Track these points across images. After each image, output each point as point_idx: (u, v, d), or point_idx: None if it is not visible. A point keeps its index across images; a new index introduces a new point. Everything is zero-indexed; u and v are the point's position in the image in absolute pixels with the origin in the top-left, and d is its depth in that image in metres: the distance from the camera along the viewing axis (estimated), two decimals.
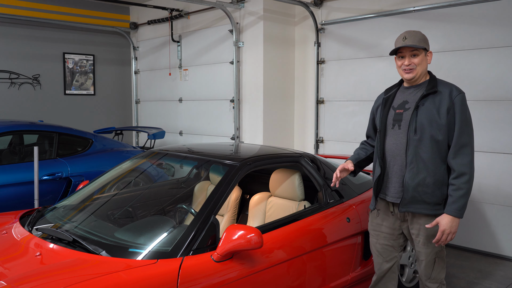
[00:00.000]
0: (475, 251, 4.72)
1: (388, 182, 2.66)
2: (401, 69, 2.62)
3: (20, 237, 2.61)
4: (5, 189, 4.36)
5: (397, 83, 2.78)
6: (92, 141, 5.27)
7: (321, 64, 5.95)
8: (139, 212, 3.23)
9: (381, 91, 3.00)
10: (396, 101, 2.69)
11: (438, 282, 2.66)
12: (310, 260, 2.84)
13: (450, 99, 2.50)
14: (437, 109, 2.50)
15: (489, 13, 4.46)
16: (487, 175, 4.56)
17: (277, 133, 6.14)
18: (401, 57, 2.61)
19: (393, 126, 2.63)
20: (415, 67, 2.56)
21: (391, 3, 5.19)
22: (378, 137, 2.71)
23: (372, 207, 2.76)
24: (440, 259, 2.64)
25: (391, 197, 2.66)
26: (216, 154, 3.28)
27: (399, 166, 2.59)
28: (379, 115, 2.74)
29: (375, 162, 2.74)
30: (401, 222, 2.69)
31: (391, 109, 2.68)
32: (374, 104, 2.87)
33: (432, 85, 2.57)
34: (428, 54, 2.61)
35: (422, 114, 2.52)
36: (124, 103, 8.32)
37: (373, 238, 2.83)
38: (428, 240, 2.59)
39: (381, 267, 2.80)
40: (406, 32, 2.57)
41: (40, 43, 7.22)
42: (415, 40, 2.53)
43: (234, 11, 6.11)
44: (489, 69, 4.49)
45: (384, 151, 2.67)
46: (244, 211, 3.64)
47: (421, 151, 2.52)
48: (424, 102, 2.54)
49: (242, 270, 2.40)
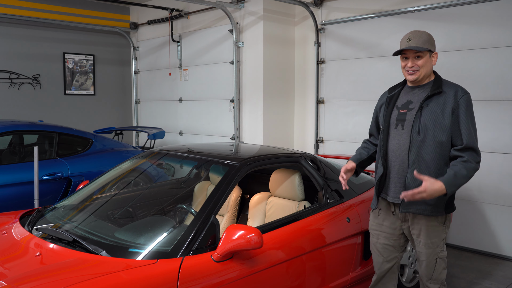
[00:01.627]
0: (475, 251, 4.72)
1: (389, 182, 2.65)
2: (405, 70, 2.60)
3: (20, 237, 2.61)
4: (5, 189, 4.36)
5: (401, 82, 2.77)
6: (92, 141, 5.27)
7: (321, 64, 5.95)
8: (139, 212, 3.23)
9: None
10: (400, 101, 2.68)
11: (439, 283, 2.65)
12: (310, 260, 2.84)
13: (455, 99, 2.49)
14: (442, 110, 2.49)
15: (489, 13, 4.45)
16: (487, 175, 4.56)
17: (277, 133, 6.13)
18: (405, 58, 2.58)
19: (396, 126, 2.62)
20: (418, 68, 2.54)
21: (391, 3, 5.19)
22: (381, 136, 2.69)
23: (374, 206, 2.75)
24: (441, 260, 2.63)
25: (391, 197, 2.65)
26: (216, 154, 3.28)
27: (401, 166, 2.58)
28: (382, 114, 2.72)
29: (378, 161, 2.72)
30: (402, 222, 2.69)
31: (395, 109, 2.66)
32: (378, 102, 2.85)
33: (437, 85, 2.55)
34: (434, 55, 2.58)
35: (426, 115, 2.50)
36: (124, 103, 8.32)
37: (373, 238, 2.82)
38: (430, 241, 2.58)
39: (381, 267, 2.79)
40: (411, 33, 2.54)
41: (40, 43, 7.22)
42: (419, 42, 2.50)
43: (234, 11, 6.11)
44: (489, 69, 4.49)
45: (387, 150, 2.65)
46: (244, 211, 3.64)
47: (423, 152, 2.50)
48: (428, 103, 2.53)
49: (242, 270, 2.40)
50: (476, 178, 4.59)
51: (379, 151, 2.71)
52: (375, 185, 2.72)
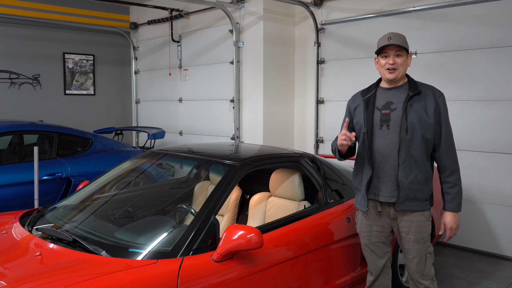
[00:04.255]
0: (475, 251, 4.72)
1: (379, 182, 2.67)
2: (384, 69, 2.66)
3: (20, 237, 2.61)
4: (5, 189, 4.36)
5: (373, 84, 2.82)
6: (92, 141, 5.28)
7: (321, 64, 5.95)
8: (139, 212, 3.24)
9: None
10: (379, 102, 2.71)
11: (430, 279, 2.70)
12: (310, 260, 2.84)
13: (434, 99, 2.62)
14: (425, 109, 2.60)
15: (489, 13, 4.45)
16: (487, 175, 4.56)
17: (277, 133, 6.14)
18: (385, 56, 2.65)
19: (381, 127, 2.65)
20: (398, 67, 2.62)
21: (391, 3, 5.19)
22: (363, 138, 2.69)
23: (364, 208, 2.75)
24: (430, 255, 2.70)
25: (383, 197, 2.67)
26: (216, 154, 3.28)
27: (391, 166, 2.62)
28: (362, 116, 2.72)
29: (363, 163, 2.72)
30: (391, 220, 2.72)
31: (376, 110, 2.69)
32: (351, 104, 2.85)
33: (414, 86, 2.66)
34: (409, 56, 2.69)
35: (412, 114, 2.59)
36: (124, 103, 8.32)
37: (364, 239, 2.83)
38: (420, 236, 2.64)
39: (376, 266, 2.81)
40: (391, 33, 2.63)
41: (40, 43, 7.22)
42: (399, 41, 2.60)
43: (234, 11, 6.11)
44: (489, 69, 4.49)
45: (372, 151, 2.67)
46: (244, 211, 3.64)
47: (412, 149, 2.59)
48: (412, 102, 2.61)
49: (242, 270, 2.40)
50: (476, 178, 4.64)
51: (363, 153, 2.71)
52: (363, 187, 2.72)
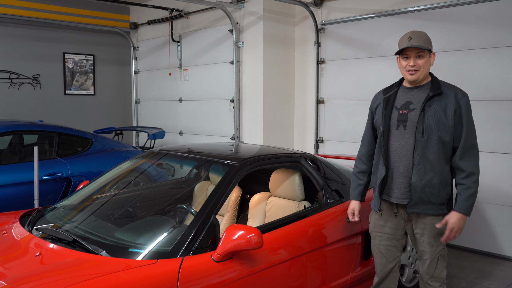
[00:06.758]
0: (475, 251, 4.72)
1: (392, 183, 2.64)
2: (405, 70, 2.58)
3: (20, 237, 2.61)
4: (5, 189, 4.36)
5: (396, 83, 2.75)
6: (92, 141, 5.27)
7: (321, 64, 5.95)
8: (139, 212, 3.23)
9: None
10: (398, 101, 2.65)
11: (440, 281, 2.66)
12: (310, 260, 2.84)
13: (456, 101, 2.51)
14: (444, 111, 2.51)
15: (489, 13, 4.45)
16: (487, 175, 4.55)
17: (277, 133, 6.14)
18: (405, 57, 2.57)
19: (398, 127, 2.61)
20: (419, 68, 2.54)
21: (391, 3, 5.19)
22: (381, 138, 2.67)
23: (377, 208, 2.73)
24: (442, 258, 2.65)
25: (395, 199, 2.64)
26: (216, 154, 3.28)
27: (405, 167, 2.58)
28: (380, 115, 2.70)
29: (378, 163, 2.70)
30: (405, 222, 2.69)
31: (394, 109, 2.64)
32: (373, 103, 2.81)
33: (436, 86, 2.56)
34: (432, 55, 2.59)
35: (429, 115, 2.51)
36: (124, 103, 8.31)
37: (375, 240, 2.81)
38: (433, 239, 2.59)
39: (384, 268, 2.79)
40: (412, 32, 2.53)
41: (40, 43, 7.22)
42: (420, 41, 2.50)
43: (234, 11, 6.11)
44: (489, 69, 4.49)
45: (388, 151, 2.64)
46: (244, 211, 3.64)
47: (428, 152, 2.52)
48: (430, 103, 2.53)
49: (242, 270, 2.40)
50: None
51: (379, 152, 2.69)
52: (377, 186, 2.69)
